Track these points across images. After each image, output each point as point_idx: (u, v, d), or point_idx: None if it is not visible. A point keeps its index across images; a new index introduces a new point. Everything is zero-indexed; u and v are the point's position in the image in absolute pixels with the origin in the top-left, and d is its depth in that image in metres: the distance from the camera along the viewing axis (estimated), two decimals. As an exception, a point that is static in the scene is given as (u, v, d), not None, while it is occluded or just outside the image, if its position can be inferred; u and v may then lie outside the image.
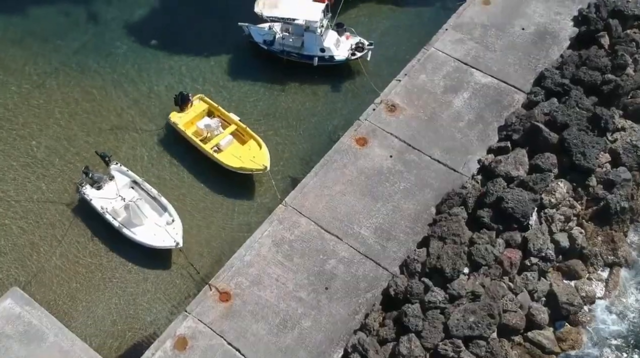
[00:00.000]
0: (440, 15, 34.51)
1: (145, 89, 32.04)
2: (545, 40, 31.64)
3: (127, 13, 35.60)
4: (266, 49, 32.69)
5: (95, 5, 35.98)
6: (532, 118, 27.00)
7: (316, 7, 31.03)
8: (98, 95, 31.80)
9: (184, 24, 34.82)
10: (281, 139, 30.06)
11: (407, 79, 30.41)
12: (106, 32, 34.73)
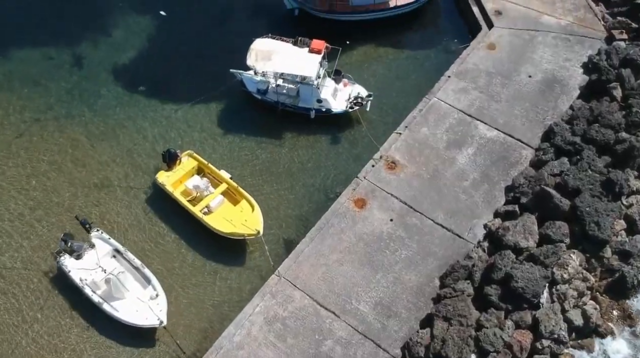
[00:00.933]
0: (443, 59, 32.94)
1: (132, 140, 30.33)
2: (554, 90, 29.99)
3: (114, 56, 33.97)
4: (260, 99, 31.05)
5: (81, 48, 34.34)
6: (542, 180, 25.34)
7: (312, 59, 29.33)
8: (83, 147, 30.12)
9: (173, 69, 33.19)
10: (275, 196, 28.34)
11: (407, 133, 28.76)
12: (92, 77, 33.10)
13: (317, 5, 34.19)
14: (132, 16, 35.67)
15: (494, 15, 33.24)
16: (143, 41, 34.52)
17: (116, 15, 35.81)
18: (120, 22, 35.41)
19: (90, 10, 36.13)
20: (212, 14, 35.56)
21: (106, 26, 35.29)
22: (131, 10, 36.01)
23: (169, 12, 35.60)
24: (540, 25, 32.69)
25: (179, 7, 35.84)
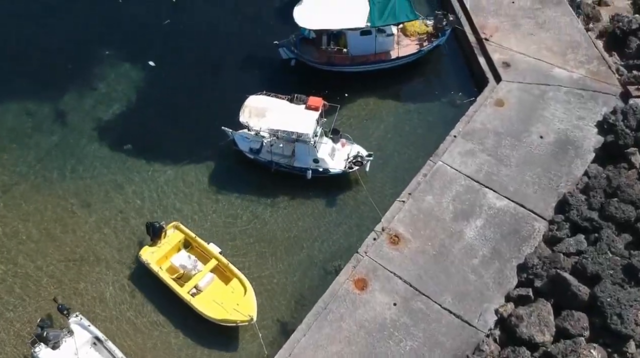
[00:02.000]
0: (448, 114, 31.07)
1: (117, 207, 28.33)
2: (567, 152, 28.06)
3: (99, 110, 32.01)
4: (252, 158, 29.13)
5: (64, 101, 32.39)
6: (557, 263, 23.40)
7: (309, 116, 27.46)
8: (63, 214, 28.13)
9: (162, 125, 31.23)
10: (269, 271, 26.32)
11: (411, 201, 26.80)
12: (75, 134, 31.11)
13: (315, 57, 32.30)
14: (119, 66, 33.74)
15: (501, 68, 31.35)
16: (130, 94, 32.56)
17: (102, 64, 33.88)
18: (107, 73, 33.46)
19: (75, 58, 34.19)
20: (204, 65, 33.64)
21: (91, 76, 33.36)
22: (118, 59, 34.09)
23: (158, 63, 33.68)
24: (551, 79, 30.80)
25: (169, 57, 33.93)
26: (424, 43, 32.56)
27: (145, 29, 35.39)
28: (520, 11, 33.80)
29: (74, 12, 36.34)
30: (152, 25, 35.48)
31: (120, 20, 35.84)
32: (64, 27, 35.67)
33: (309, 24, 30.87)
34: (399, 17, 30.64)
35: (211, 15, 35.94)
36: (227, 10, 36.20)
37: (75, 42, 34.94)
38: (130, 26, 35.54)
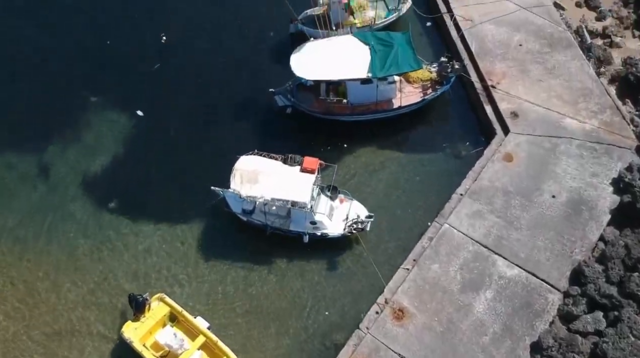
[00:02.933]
0: (453, 167, 29.37)
1: (100, 273, 26.56)
2: (581, 214, 26.33)
3: (84, 164, 30.18)
4: (245, 220, 27.35)
5: (47, 154, 30.56)
6: (575, 346, 21.67)
7: (305, 181, 25.66)
8: (41, 281, 26.39)
9: (148, 182, 29.44)
10: (263, 348, 24.52)
11: (416, 270, 25.04)
12: (58, 190, 29.32)
13: (313, 106, 30.55)
14: (105, 114, 31.96)
15: (509, 118, 29.61)
16: (117, 146, 30.75)
17: (88, 112, 32.09)
18: (92, 122, 31.67)
19: (60, 105, 32.40)
20: (195, 114, 31.87)
21: (76, 126, 31.55)
22: (105, 106, 32.31)
23: (146, 112, 31.89)
24: (563, 131, 29.08)
25: (159, 106, 32.11)
26: (428, 91, 30.82)
27: (134, 72, 33.62)
28: (528, 55, 32.10)
29: (59, 53, 34.59)
30: (141, 69, 33.69)
31: (108, 63, 34.09)
32: (49, 69, 33.92)
33: (307, 74, 29.12)
34: (402, 66, 28.89)
35: (203, 58, 34.19)
36: (220, 52, 34.44)
37: (61, 86, 33.17)
38: (118, 69, 33.77)
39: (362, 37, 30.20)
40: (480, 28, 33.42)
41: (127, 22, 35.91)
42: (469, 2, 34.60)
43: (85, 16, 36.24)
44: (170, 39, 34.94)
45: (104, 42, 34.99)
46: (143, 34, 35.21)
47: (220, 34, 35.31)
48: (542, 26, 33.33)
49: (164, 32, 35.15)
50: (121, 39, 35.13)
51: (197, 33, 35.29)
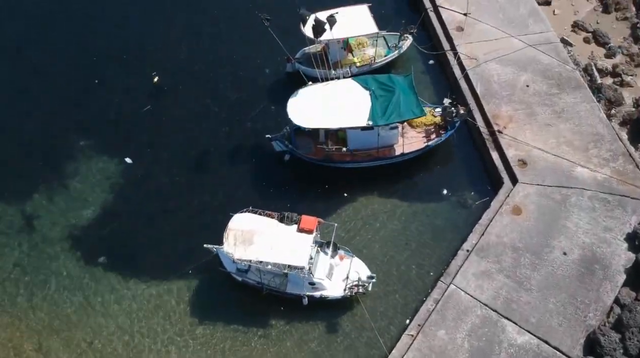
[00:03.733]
0: (459, 217, 28.01)
1: (88, 337, 25.14)
2: (594, 273, 24.94)
3: (71, 215, 28.75)
4: (240, 280, 25.94)
5: (32, 205, 29.14)
6: None
7: (302, 242, 24.19)
8: (27, 347, 24.92)
9: (140, 235, 28.01)
10: None
11: (421, 337, 23.62)
12: (44, 244, 27.89)
13: (311, 153, 29.17)
14: (94, 161, 30.51)
15: (517, 166, 28.23)
16: (105, 196, 29.32)
17: (76, 158, 30.64)
18: (80, 169, 30.24)
19: (47, 150, 31.00)
20: (186, 160, 30.47)
21: (63, 173, 30.12)
22: (93, 152, 30.86)
23: (136, 159, 30.46)
24: (574, 181, 27.70)
25: (148, 152, 30.70)
26: (432, 136, 29.48)
27: (124, 114, 32.22)
28: (535, 97, 30.74)
29: (46, 93, 33.17)
30: (132, 111, 32.29)
31: (97, 104, 32.68)
32: (35, 111, 32.51)
33: (304, 122, 27.73)
34: (404, 114, 27.48)
35: (196, 99, 32.80)
36: (214, 93, 33.06)
37: (48, 129, 31.78)
38: (107, 111, 32.39)
39: (362, 81, 28.83)
40: (485, 67, 32.06)
41: (117, 61, 34.49)
42: (473, 39, 33.26)
43: (72, 55, 34.83)
44: (162, 79, 33.52)
45: (92, 81, 33.57)
46: (134, 74, 33.81)
47: (215, 73, 33.90)
48: (550, 65, 31.99)
49: (155, 71, 33.76)
50: (110, 78, 33.74)
51: (190, 73, 33.91)
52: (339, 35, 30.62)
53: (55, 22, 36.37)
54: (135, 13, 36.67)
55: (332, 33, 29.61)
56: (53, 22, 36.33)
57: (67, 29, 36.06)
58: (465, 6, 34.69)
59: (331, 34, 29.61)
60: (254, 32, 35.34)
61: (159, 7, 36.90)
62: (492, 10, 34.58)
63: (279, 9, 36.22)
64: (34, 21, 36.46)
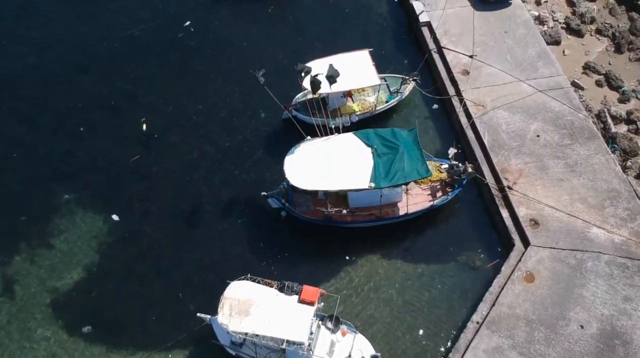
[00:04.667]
0: (466, 282, 26.39)
1: (69, 420, 23.51)
2: (615, 350, 23.18)
3: (54, 278, 26.89)
4: (234, 355, 24.19)
5: (14, 267, 27.24)
6: None
7: (303, 315, 22.37)
8: None
9: (126, 300, 26.24)
10: None
11: None
12: (25, 312, 26.04)
13: (309, 213, 27.43)
14: (78, 217, 28.69)
15: (529, 227, 26.54)
16: (91, 257, 27.50)
17: (60, 214, 28.83)
18: (65, 226, 28.43)
19: (29, 205, 29.18)
20: (177, 215, 28.69)
21: (47, 231, 28.32)
22: (78, 207, 29.06)
23: (123, 215, 28.69)
24: (589, 243, 25.98)
25: (137, 208, 28.92)
26: (438, 193, 27.78)
27: (111, 165, 30.40)
28: (547, 148, 29.06)
29: (31, 142, 31.37)
30: (120, 161, 30.51)
31: (84, 154, 30.87)
32: (19, 162, 30.72)
33: (302, 183, 25.95)
34: (409, 174, 25.71)
35: (188, 148, 31.03)
36: (207, 142, 31.29)
37: (31, 181, 29.96)
38: (94, 162, 30.56)
39: (363, 137, 27.10)
40: (492, 115, 30.38)
41: (104, 106, 32.66)
42: (479, 84, 31.58)
43: (57, 101, 32.91)
44: (151, 126, 31.79)
45: (78, 129, 31.80)
46: (122, 120, 32.04)
47: (208, 120, 32.15)
48: (561, 113, 30.33)
49: (144, 117, 32.04)
50: (97, 125, 31.91)
51: (181, 119, 32.17)
52: (338, 88, 28.91)
53: (40, 66, 34.48)
54: (124, 55, 34.84)
55: (331, 87, 28.03)
56: (37, 66, 34.44)
57: (52, 72, 34.15)
58: (471, 47, 33.08)
59: (330, 88, 28.02)
60: (249, 76, 33.67)
61: (148, 50, 35.10)
62: (500, 52, 32.92)
63: (275, 51, 34.74)
64: (18, 64, 34.64)
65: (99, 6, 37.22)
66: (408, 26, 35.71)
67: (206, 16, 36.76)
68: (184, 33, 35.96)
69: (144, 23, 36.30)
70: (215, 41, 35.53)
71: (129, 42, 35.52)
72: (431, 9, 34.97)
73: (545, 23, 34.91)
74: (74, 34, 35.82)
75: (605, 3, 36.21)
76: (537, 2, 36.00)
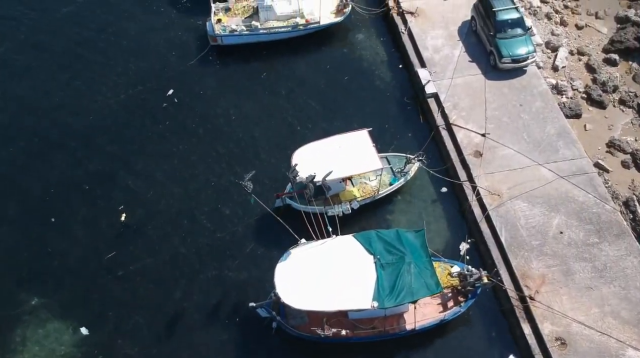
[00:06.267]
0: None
1: None
2: None
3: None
4: None
5: None
6: None
7: None
8: None
9: None
10: None
11: None
12: None
13: (304, 326, 24.11)
14: (44, 328, 25.18)
15: (556, 348, 23.23)
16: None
17: (24, 323, 25.34)
18: (28, 338, 24.97)
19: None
20: (155, 325, 25.21)
21: (8, 345, 24.97)
22: (46, 316, 25.43)
23: (94, 327, 25.19)
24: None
25: (110, 317, 25.45)
26: (449, 303, 24.51)
27: (85, 265, 26.89)
28: (571, 248, 25.80)
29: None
30: (93, 260, 27.12)
31: (53, 251, 27.38)
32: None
33: (295, 301, 22.57)
34: (416, 291, 22.35)
35: (169, 242, 27.66)
36: (189, 234, 27.93)
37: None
38: (64, 260, 27.10)
39: (365, 242, 23.82)
40: (510, 207, 27.16)
41: (78, 193, 29.29)
42: (493, 168, 28.42)
43: (25, 188, 29.54)
44: (130, 216, 28.55)
45: (48, 219, 28.53)
46: (97, 210, 28.73)
47: (192, 208, 28.87)
48: (586, 204, 27.13)
49: (123, 205, 28.83)
50: (70, 215, 28.52)
51: (163, 207, 28.87)
52: (336, 176, 25.92)
53: (7, 142, 31.17)
54: (100, 129, 31.64)
55: (327, 177, 25.08)
56: (3, 144, 31.15)
57: (21, 150, 30.83)
58: (483, 124, 29.97)
59: (326, 179, 25.06)
60: (238, 153, 30.74)
61: (127, 124, 31.83)
62: (515, 129, 29.77)
63: (268, 126, 31.67)
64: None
65: (73, 72, 33.92)
66: (413, 96, 32.57)
67: (191, 84, 33.60)
68: (167, 103, 32.83)
69: (123, 91, 33.09)
70: (201, 114, 32.35)
71: (106, 113, 32.30)
72: (438, 77, 31.85)
73: (564, 93, 31.79)
74: (46, 105, 32.60)
75: (627, 68, 33.12)
76: (554, 68, 32.88)
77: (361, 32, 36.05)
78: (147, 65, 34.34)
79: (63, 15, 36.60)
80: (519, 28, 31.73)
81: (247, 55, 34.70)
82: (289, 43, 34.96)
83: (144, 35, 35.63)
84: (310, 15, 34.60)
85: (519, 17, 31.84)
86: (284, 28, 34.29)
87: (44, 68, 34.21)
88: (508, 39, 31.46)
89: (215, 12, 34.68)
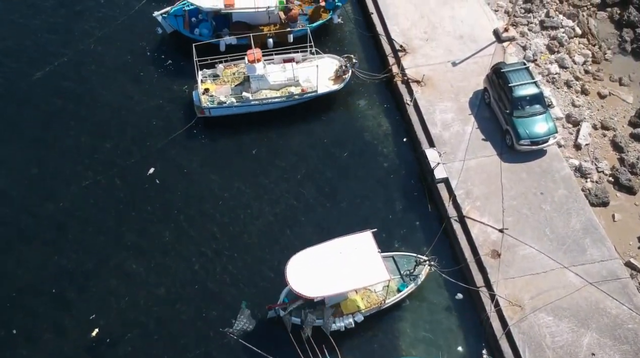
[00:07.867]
0: None
1: None
2: None
3: None
4: None
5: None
6: None
7: None
8: None
9: None
10: None
11: None
12: None
13: None
14: None
15: None
16: None
17: None
18: None
19: None
20: None
21: None
22: None
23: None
24: None
25: None
26: None
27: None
28: (606, 376, 22.69)
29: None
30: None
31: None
32: None
33: None
34: None
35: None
36: (173, 350, 24.80)
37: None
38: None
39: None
40: (533, 321, 23.96)
41: (44, 297, 25.79)
42: (514, 274, 25.18)
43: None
44: (102, 329, 25.17)
45: (9, 332, 25.07)
46: (66, 321, 25.29)
47: (173, 319, 25.46)
48: (620, 318, 23.98)
49: (95, 314, 25.47)
50: (33, 327, 25.06)
51: (141, 317, 25.41)
52: (336, 291, 22.77)
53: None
54: (73, 217, 28.28)
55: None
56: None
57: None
58: (501, 217, 26.78)
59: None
60: (226, 247, 27.48)
61: (101, 210, 28.42)
62: (536, 223, 26.58)
63: (259, 213, 28.45)
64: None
65: (42, 149, 30.50)
66: (421, 179, 29.32)
67: (175, 161, 30.25)
68: (148, 184, 29.51)
69: (99, 172, 29.73)
70: (185, 197, 29.00)
71: (80, 197, 28.86)
72: (448, 159, 28.64)
73: (588, 177, 28.62)
74: (12, 189, 29.26)
75: (657, 145, 30.06)
76: (576, 146, 29.73)
77: (363, 98, 32.81)
78: (126, 140, 30.95)
79: (34, 82, 33.16)
80: (538, 105, 28.57)
81: (237, 126, 31.39)
82: (283, 111, 31.76)
83: (122, 105, 32.15)
84: (307, 83, 31.41)
85: (539, 93, 28.68)
86: (278, 98, 31.06)
87: (7, 143, 30.76)
88: (526, 117, 28.30)
89: (202, 80, 31.42)
